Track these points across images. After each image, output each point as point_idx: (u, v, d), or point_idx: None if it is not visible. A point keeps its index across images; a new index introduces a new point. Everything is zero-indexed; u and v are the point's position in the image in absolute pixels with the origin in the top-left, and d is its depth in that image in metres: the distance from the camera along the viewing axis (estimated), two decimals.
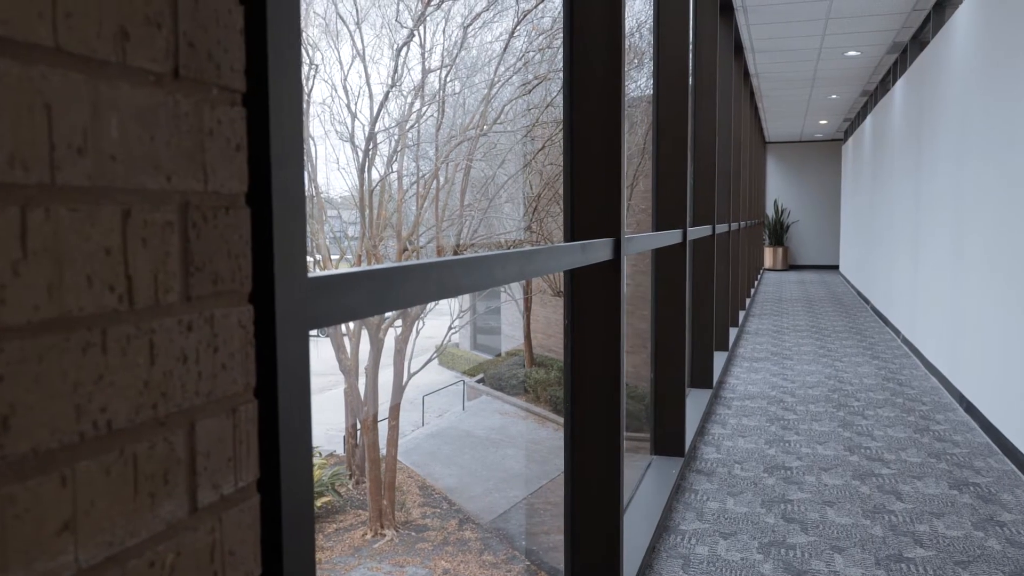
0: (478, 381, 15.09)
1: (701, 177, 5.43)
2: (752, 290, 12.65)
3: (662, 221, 3.91)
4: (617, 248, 2.34)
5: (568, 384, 2.40)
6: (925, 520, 3.32)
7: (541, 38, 14.28)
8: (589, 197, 2.34)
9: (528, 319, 15.74)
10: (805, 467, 4.05)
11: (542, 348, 16.29)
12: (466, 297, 14.30)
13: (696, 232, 5.00)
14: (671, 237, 3.68)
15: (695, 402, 5.14)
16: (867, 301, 11.16)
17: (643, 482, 3.61)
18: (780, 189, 19.40)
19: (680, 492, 3.69)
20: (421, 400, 14.63)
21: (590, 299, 2.36)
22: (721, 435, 4.65)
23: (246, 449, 0.71)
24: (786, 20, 7.49)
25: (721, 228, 6.73)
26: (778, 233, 18.72)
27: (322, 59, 12.74)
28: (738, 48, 8.43)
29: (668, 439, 3.98)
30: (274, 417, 0.74)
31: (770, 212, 19.15)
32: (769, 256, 18.74)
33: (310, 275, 0.80)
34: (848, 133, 15.83)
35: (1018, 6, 4.26)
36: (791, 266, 19.12)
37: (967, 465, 4.05)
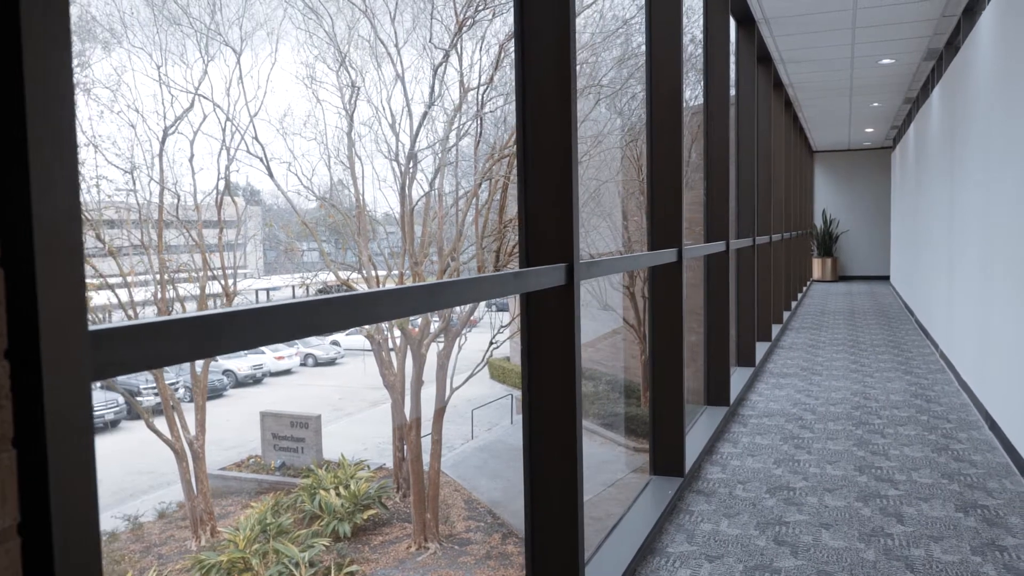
0: None
1: (714, 193, 5.38)
2: (794, 303, 12.42)
3: (657, 240, 3.89)
4: (571, 273, 2.36)
5: (526, 408, 2.42)
6: (922, 544, 3.23)
7: (584, 52, 14.33)
8: (542, 223, 2.36)
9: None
10: (809, 488, 3.97)
11: (591, 361, 16.25)
12: (512, 310, 14.35)
13: (706, 249, 4.97)
14: (659, 257, 3.67)
15: (708, 420, 5.08)
16: (912, 313, 10.86)
17: (635, 503, 3.59)
18: (829, 199, 18.99)
19: (675, 513, 3.65)
20: (470, 414, 14.73)
21: (544, 326, 2.38)
22: (730, 454, 4.59)
23: (1, 495, 0.76)
24: (811, 30, 7.38)
25: (743, 243, 6.65)
26: (827, 244, 18.32)
27: (363, 81, 13.01)
28: (765, 59, 8.33)
29: (667, 459, 3.95)
30: (42, 464, 0.79)
31: (818, 222, 18.76)
32: (818, 267, 18.35)
33: (92, 328, 0.85)
34: (896, 141, 15.45)
35: None
36: (841, 277, 18.69)
37: (980, 486, 3.92)
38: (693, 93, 8.41)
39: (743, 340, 6.98)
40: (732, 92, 7.01)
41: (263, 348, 15.45)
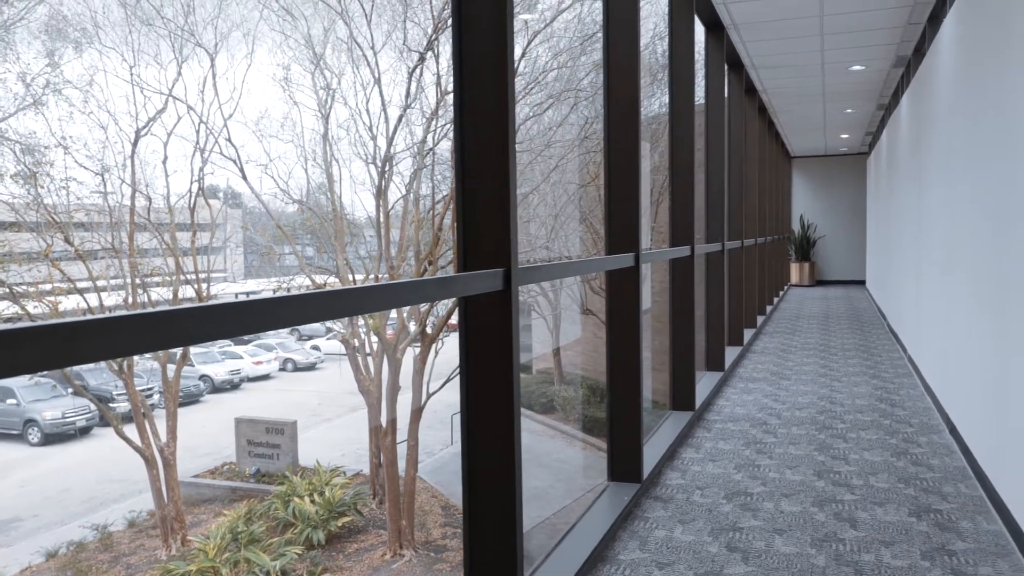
0: None
1: (678, 198, 5.38)
2: (769, 307, 12.46)
3: (614, 245, 3.87)
4: (508, 278, 2.33)
5: (463, 416, 2.38)
6: (873, 549, 3.22)
7: (562, 57, 14.33)
8: (479, 228, 2.34)
9: (557, 336, 15.72)
10: (767, 493, 3.96)
11: (571, 365, 16.19)
12: None
13: (668, 253, 4.96)
14: (615, 262, 3.65)
15: (672, 425, 5.06)
16: (884, 317, 10.92)
17: (589, 510, 3.56)
18: (807, 204, 19.11)
19: (630, 520, 3.63)
20: (450, 419, 14.68)
21: (481, 332, 2.35)
22: (691, 459, 4.57)
23: None
24: (781, 37, 7.40)
25: (712, 247, 6.65)
26: (804, 248, 18.41)
27: (339, 84, 12.94)
28: (736, 64, 8.35)
29: (624, 465, 3.93)
30: None
31: (796, 227, 18.87)
32: (795, 272, 18.44)
33: None
34: (871, 147, 15.57)
35: (987, 19, 4.16)
36: (818, 282, 18.79)
37: (935, 491, 3.92)
38: None
39: (712, 345, 6.98)
40: (703, 97, 7.02)
41: (240, 353, 15.32)
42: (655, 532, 3.47)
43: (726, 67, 7.42)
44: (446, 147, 12.73)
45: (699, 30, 6.85)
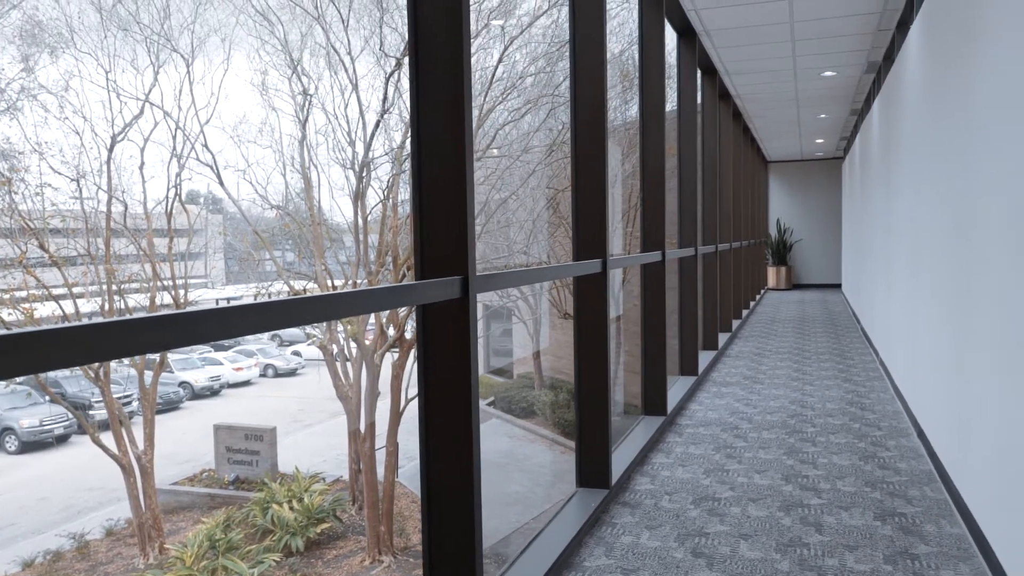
0: (488, 404, 15.01)
1: (649, 203, 5.40)
2: (745, 311, 12.52)
3: (581, 250, 3.89)
4: (466, 286, 2.33)
5: (422, 426, 2.38)
6: (837, 554, 3.24)
7: (540, 62, 14.35)
8: (436, 235, 2.34)
9: (538, 340, 15.70)
10: (735, 498, 3.98)
11: (551, 370, 16.19)
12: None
13: (638, 259, 4.98)
14: (581, 268, 3.66)
15: (643, 430, 5.08)
16: (858, 321, 11.01)
17: (556, 517, 3.57)
18: (784, 208, 19.25)
19: (598, 526, 3.64)
20: None
21: (439, 340, 2.35)
22: (661, 464, 4.59)
23: None
24: (753, 43, 7.46)
25: (684, 252, 6.69)
26: (781, 252, 18.54)
27: (316, 89, 12.89)
28: (710, 70, 8.41)
29: (592, 471, 3.94)
30: None
31: (773, 232, 18.99)
32: (772, 276, 18.56)
33: None
34: (846, 151, 15.71)
35: (951, 26, 4.21)
36: (795, 285, 18.92)
37: (901, 494, 3.96)
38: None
39: (686, 349, 7.01)
40: (676, 103, 7.06)
41: (221, 359, 15.22)
42: (622, 538, 3.48)
43: (699, 72, 7.47)
44: None
45: (672, 36, 6.90)
